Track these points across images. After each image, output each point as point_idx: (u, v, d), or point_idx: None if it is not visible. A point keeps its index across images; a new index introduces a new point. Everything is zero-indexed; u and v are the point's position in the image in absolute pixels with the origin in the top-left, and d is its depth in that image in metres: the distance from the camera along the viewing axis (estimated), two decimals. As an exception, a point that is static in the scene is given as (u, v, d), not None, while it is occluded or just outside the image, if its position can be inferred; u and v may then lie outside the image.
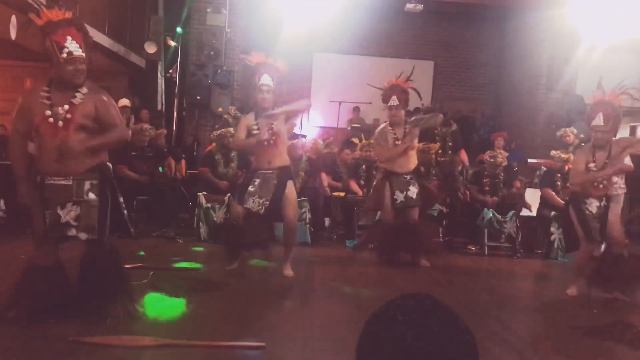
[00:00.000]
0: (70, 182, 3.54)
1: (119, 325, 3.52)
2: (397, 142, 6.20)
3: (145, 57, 10.46)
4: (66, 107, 3.50)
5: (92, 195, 3.59)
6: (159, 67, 11.10)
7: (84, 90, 3.58)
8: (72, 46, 3.48)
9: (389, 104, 6.16)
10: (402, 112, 6.22)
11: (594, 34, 9.60)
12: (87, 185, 3.58)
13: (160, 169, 7.66)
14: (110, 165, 3.80)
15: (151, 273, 4.84)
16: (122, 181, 5.22)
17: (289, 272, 5.32)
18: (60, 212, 3.54)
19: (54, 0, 6.20)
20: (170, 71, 11.10)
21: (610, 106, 4.97)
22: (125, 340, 3.27)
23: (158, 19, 10.58)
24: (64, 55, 3.47)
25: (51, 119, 3.48)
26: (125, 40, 10.22)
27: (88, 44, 3.61)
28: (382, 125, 6.48)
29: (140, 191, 7.20)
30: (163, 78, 11.20)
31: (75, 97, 3.55)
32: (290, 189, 5.19)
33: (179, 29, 10.76)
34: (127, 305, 3.69)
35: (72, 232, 3.56)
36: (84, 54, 3.54)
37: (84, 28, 3.61)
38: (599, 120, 4.97)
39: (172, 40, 10.78)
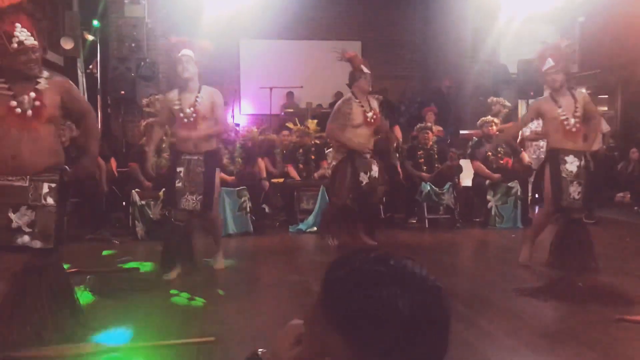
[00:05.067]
0: (27, 184, 3.14)
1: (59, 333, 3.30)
2: (367, 115, 5.82)
3: (62, 53, 9.92)
4: (32, 94, 3.16)
5: (50, 200, 3.19)
6: (78, 64, 10.56)
7: (43, 82, 3.22)
8: (23, 35, 3.10)
9: (364, 71, 5.85)
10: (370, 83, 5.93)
11: (514, 5, 9.85)
12: (45, 188, 3.18)
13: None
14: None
15: (88, 277, 4.59)
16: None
17: (220, 264, 5.09)
18: (11, 215, 3.11)
19: None
20: (91, 67, 10.57)
21: (556, 48, 4.87)
22: (65, 349, 3.08)
23: (73, 14, 10.03)
24: (15, 45, 3.08)
25: (18, 109, 3.11)
26: (39, 37, 9.68)
27: (41, 31, 3.24)
28: (345, 97, 6.05)
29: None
30: (83, 75, 10.66)
31: (39, 82, 3.20)
32: (217, 179, 4.87)
33: (96, 22, 10.27)
34: (75, 323, 3.34)
35: (24, 239, 3.12)
36: (36, 42, 3.16)
37: (36, 13, 3.24)
38: (548, 63, 4.79)
39: (90, 35, 10.28)
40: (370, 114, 5.83)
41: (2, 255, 3.19)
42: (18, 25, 3.10)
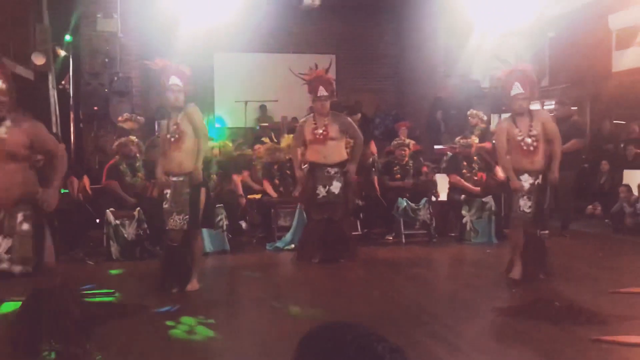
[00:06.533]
0: (1, 216, 3.36)
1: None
2: (316, 132, 6.20)
3: (33, 68, 9.77)
4: None
5: (25, 226, 3.40)
6: (50, 79, 10.42)
7: (8, 123, 3.39)
8: None
9: (318, 95, 6.19)
10: (328, 104, 6.26)
11: (486, 21, 10.00)
12: (19, 217, 3.39)
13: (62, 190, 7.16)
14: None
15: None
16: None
17: (193, 285, 5.07)
18: None
19: None
20: (63, 82, 10.44)
21: (523, 73, 5.00)
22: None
23: (44, 27, 9.90)
24: None
25: None
26: (9, 52, 9.50)
27: (6, 75, 3.46)
28: (304, 119, 6.61)
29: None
30: (55, 90, 10.52)
31: None
32: (202, 198, 5.02)
33: (68, 37, 10.14)
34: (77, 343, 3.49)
35: (3, 266, 3.35)
36: (4, 86, 3.38)
37: (1, 59, 3.51)
38: (517, 89, 4.94)
39: (62, 49, 10.14)
40: (319, 131, 6.22)
41: None
42: None
